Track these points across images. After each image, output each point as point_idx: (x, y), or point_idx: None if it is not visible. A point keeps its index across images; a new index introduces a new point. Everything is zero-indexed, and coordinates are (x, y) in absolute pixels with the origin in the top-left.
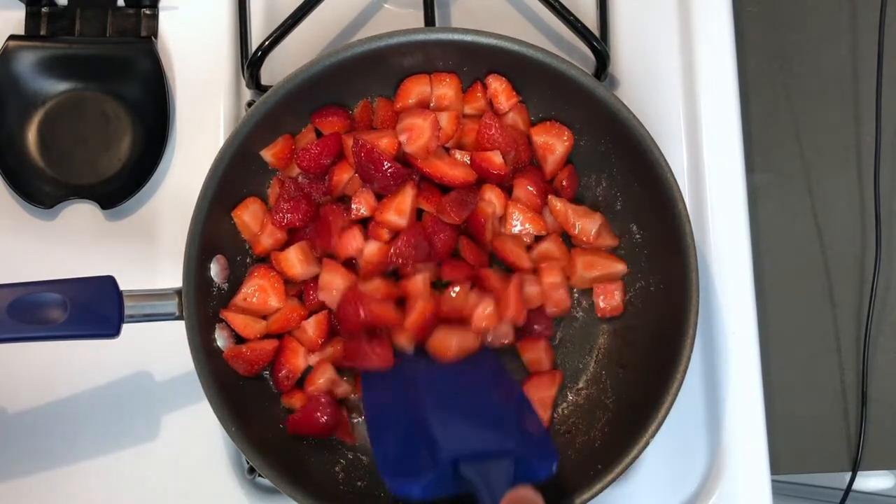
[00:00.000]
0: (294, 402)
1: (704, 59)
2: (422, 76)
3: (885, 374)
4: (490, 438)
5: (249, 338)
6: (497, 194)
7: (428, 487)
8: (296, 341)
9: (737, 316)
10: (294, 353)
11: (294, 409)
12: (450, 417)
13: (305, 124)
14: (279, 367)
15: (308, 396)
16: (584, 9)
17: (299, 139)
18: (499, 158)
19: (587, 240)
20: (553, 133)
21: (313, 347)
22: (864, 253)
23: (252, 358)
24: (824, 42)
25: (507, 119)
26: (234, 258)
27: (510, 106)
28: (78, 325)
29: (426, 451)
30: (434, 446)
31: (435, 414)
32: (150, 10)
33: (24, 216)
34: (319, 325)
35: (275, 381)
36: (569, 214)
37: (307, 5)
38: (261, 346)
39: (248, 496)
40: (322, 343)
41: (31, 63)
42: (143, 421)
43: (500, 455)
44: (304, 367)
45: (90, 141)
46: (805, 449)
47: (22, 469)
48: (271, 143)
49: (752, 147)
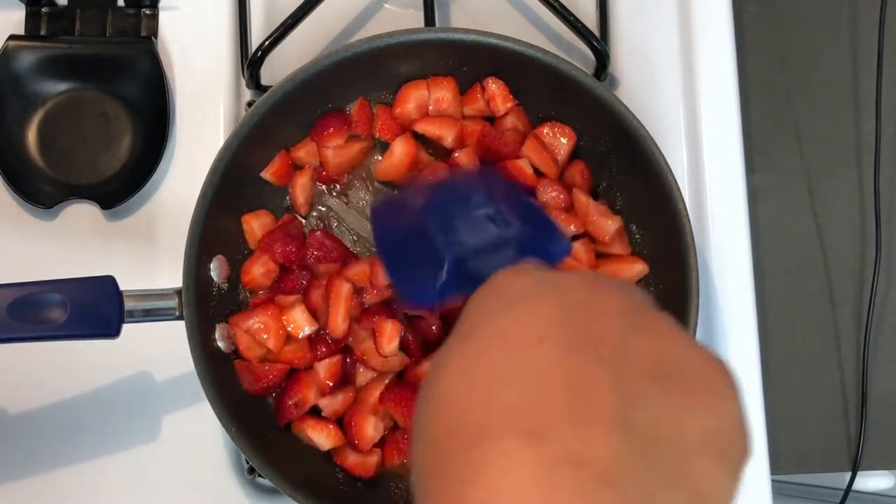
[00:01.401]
0: (302, 429)
1: (704, 59)
2: (419, 82)
3: (885, 374)
4: (491, 233)
5: (250, 359)
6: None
7: (441, 292)
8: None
9: (737, 315)
10: (307, 385)
11: (301, 435)
12: (450, 228)
13: (305, 128)
14: (289, 394)
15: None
16: (584, 9)
17: (296, 150)
18: (529, 168)
19: (602, 240)
20: (556, 131)
21: (323, 391)
22: (864, 253)
23: (260, 374)
24: (824, 42)
25: (506, 122)
26: (234, 258)
27: (507, 109)
28: (78, 325)
29: (435, 263)
30: (440, 256)
31: (437, 229)
32: (150, 10)
33: (24, 216)
34: (331, 370)
35: (281, 406)
36: (591, 210)
37: (307, 5)
38: (274, 367)
39: (248, 496)
40: (332, 388)
41: (31, 63)
42: (142, 421)
43: (504, 245)
44: (315, 402)
45: (90, 141)
46: (805, 449)
47: (22, 469)
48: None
49: (752, 147)
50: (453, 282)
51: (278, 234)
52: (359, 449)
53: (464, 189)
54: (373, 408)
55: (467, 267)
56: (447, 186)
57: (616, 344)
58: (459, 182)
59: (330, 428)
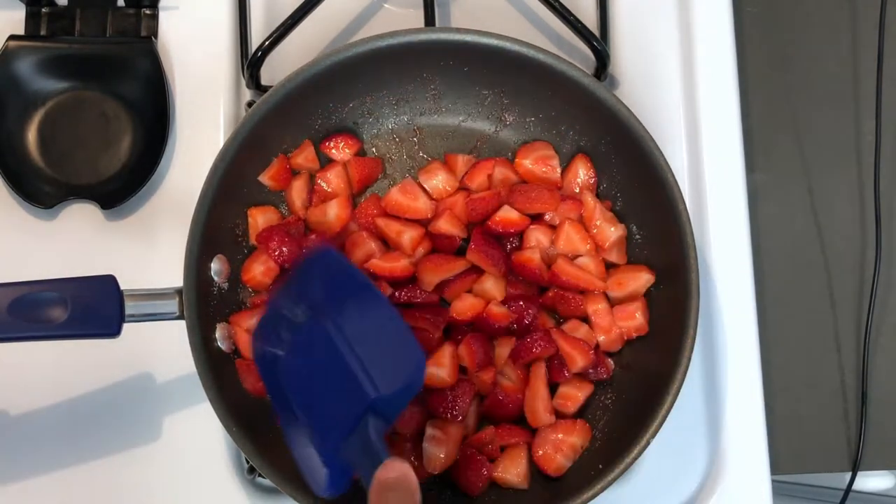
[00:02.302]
0: None
1: (704, 59)
2: (413, 187)
3: (885, 374)
4: (343, 410)
5: (251, 359)
6: (543, 231)
7: (337, 482)
8: None
9: (737, 316)
10: None
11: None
12: (305, 411)
13: (304, 128)
14: None
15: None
16: (584, 9)
17: (294, 157)
18: (513, 213)
19: (601, 246)
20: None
21: None
22: (864, 253)
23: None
24: (824, 42)
25: (496, 176)
26: (234, 258)
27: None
28: (79, 325)
29: (322, 446)
30: (321, 437)
31: (299, 413)
32: (150, 10)
33: (24, 216)
34: None
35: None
36: (597, 214)
37: (307, 5)
38: None
39: (248, 496)
40: None
41: (31, 63)
42: (143, 421)
43: (360, 418)
44: None
45: (90, 141)
46: (805, 449)
47: (22, 469)
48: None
49: (752, 147)
50: (344, 470)
51: (277, 231)
52: None
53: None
54: None
55: (343, 455)
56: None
57: None
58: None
59: None
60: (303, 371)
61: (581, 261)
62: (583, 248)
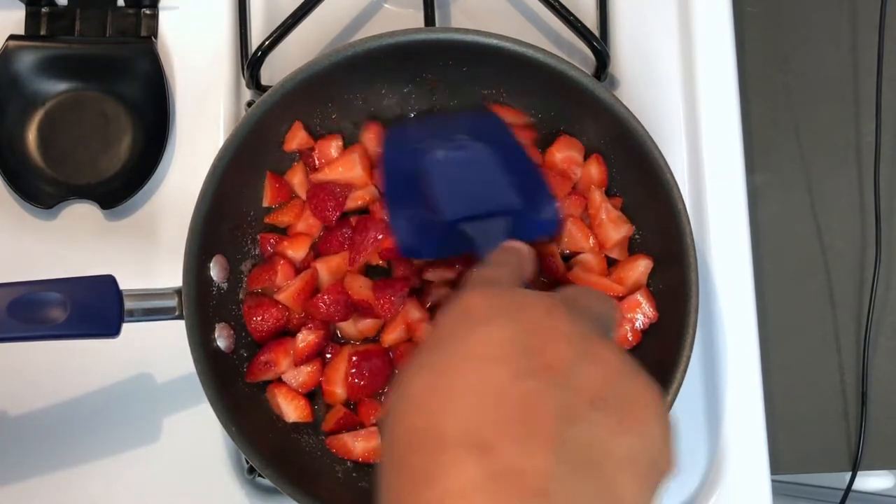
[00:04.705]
0: (274, 394)
1: (704, 59)
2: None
3: (885, 374)
4: (487, 201)
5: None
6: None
7: (435, 247)
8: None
9: (737, 316)
10: (285, 350)
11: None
12: (452, 187)
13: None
14: (265, 352)
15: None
16: (584, 9)
17: (290, 175)
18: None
19: (604, 245)
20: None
21: (297, 361)
22: (864, 253)
23: (270, 311)
24: (824, 42)
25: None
26: (234, 257)
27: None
28: (78, 325)
29: (433, 218)
30: (440, 216)
31: (440, 186)
32: (150, 10)
33: (24, 216)
34: (311, 344)
35: (253, 362)
36: (601, 209)
37: (307, 5)
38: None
39: (248, 496)
40: (302, 361)
41: (31, 63)
42: (142, 421)
43: (498, 214)
44: (284, 371)
45: (90, 141)
46: (805, 449)
47: (22, 469)
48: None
49: (752, 147)
50: (448, 241)
51: (323, 189)
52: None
53: (465, 138)
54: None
55: (462, 230)
56: (450, 131)
57: (564, 370)
58: (461, 127)
59: (300, 401)
60: (452, 171)
61: (583, 258)
62: (586, 245)
